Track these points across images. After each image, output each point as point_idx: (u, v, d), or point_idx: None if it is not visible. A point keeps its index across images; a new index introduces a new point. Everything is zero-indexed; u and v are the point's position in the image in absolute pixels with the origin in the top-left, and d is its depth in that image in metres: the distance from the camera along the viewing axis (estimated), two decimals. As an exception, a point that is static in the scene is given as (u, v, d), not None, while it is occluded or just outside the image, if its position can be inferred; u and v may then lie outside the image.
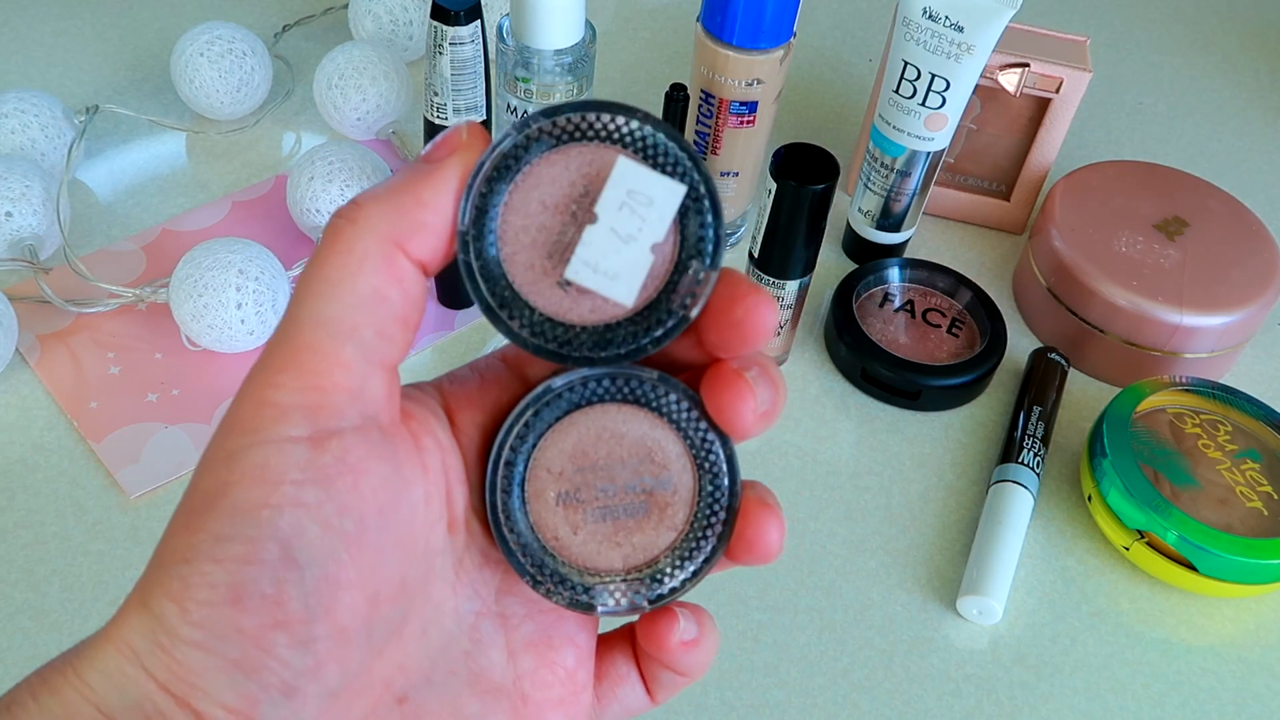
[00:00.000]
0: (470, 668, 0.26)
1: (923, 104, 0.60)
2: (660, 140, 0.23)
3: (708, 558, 0.26)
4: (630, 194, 0.23)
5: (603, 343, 0.24)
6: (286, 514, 0.21)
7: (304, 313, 0.23)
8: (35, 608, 0.48)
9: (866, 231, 0.66)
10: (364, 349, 0.23)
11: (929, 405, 0.59)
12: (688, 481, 0.26)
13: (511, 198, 0.24)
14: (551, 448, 0.26)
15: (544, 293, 0.24)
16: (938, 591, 0.52)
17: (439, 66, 0.53)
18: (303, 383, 0.22)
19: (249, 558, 0.21)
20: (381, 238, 0.23)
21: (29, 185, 0.58)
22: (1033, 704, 0.49)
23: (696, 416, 0.25)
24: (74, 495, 0.52)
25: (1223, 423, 0.56)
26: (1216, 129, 0.81)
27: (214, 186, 0.68)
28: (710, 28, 0.59)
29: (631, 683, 0.28)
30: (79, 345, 0.58)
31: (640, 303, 0.24)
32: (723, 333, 0.24)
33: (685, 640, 0.26)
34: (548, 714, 0.26)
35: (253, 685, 0.21)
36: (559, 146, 0.23)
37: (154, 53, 0.76)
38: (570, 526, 0.26)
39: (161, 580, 0.22)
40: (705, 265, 0.24)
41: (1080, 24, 0.89)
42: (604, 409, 0.26)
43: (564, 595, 0.26)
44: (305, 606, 0.22)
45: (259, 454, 0.22)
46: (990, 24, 0.56)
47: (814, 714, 0.48)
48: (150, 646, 0.21)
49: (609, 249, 0.23)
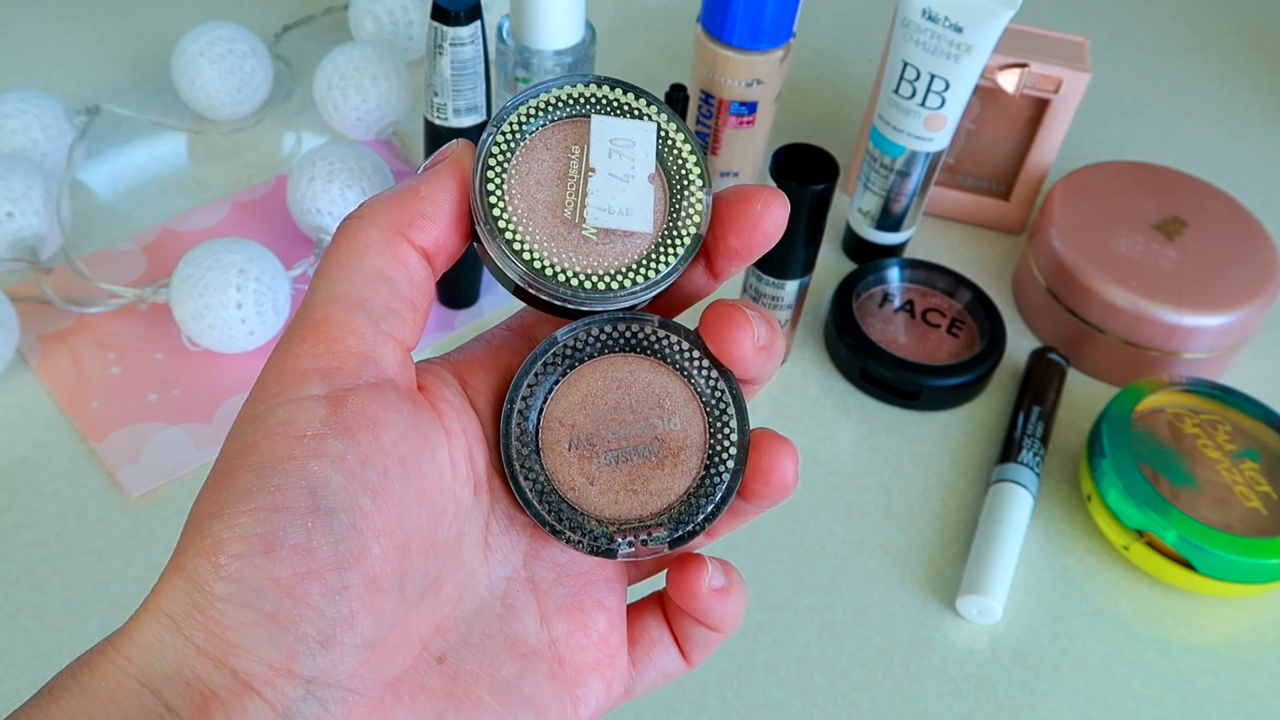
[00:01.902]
0: (505, 632, 0.26)
1: (922, 104, 0.60)
2: (619, 95, 0.26)
3: (724, 497, 0.27)
4: (613, 142, 0.26)
5: (643, 274, 0.26)
6: (311, 464, 0.22)
7: (317, 293, 0.24)
8: (36, 607, 0.48)
9: (866, 232, 0.66)
10: (374, 318, 0.24)
11: (929, 405, 0.59)
12: (698, 423, 0.27)
13: (511, 184, 0.26)
14: (562, 400, 0.27)
15: (572, 252, 0.26)
16: (937, 591, 0.52)
17: (439, 67, 0.53)
18: (318, 349, 0.24)
19: (277, 506, 0.22)
20: (384, 226, 0.25)
21: (30, 186, 0.58)
22: (1032, 703, 0.49)
23: (700, 358, 0.27)
24: (75, 495, 0.52)
25: (1222, 422, 0.56)
26: (1216, 129, 0.81)
27: (214, 187, 0.68)
28: (710, 28, 0.59)
29: (665, 645, 0.29)
30: (80, 345, 0.58)
31: (658, 230, 0.26)
32: (743, 234, 0.26)
33: (715, 587, 0.27)
34: (585, 677, 0.27)
35: (289, 637, 0.22)
36: (536, 129, 0.26)
37: (155, 53, 0.77)
38: (586, 476, 0.27)
39: (194, 540, 0.22)
40: (698, 186, 0.26)
41: (1080, 24, 0.89)
42: (610, 359, 0.27)
43: (584, 542, 0.26)
44: (335, 554, 0.22)
45: (281, 413, 0.23)
46: (989, 24, 0.56)
47: (814, 714, 0.48)
48: (186, 610, 0.22)
49: (615, 190, 0.26)
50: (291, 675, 0.22)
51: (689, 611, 0.27)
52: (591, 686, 0.27)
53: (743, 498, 0.27)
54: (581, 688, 0.27)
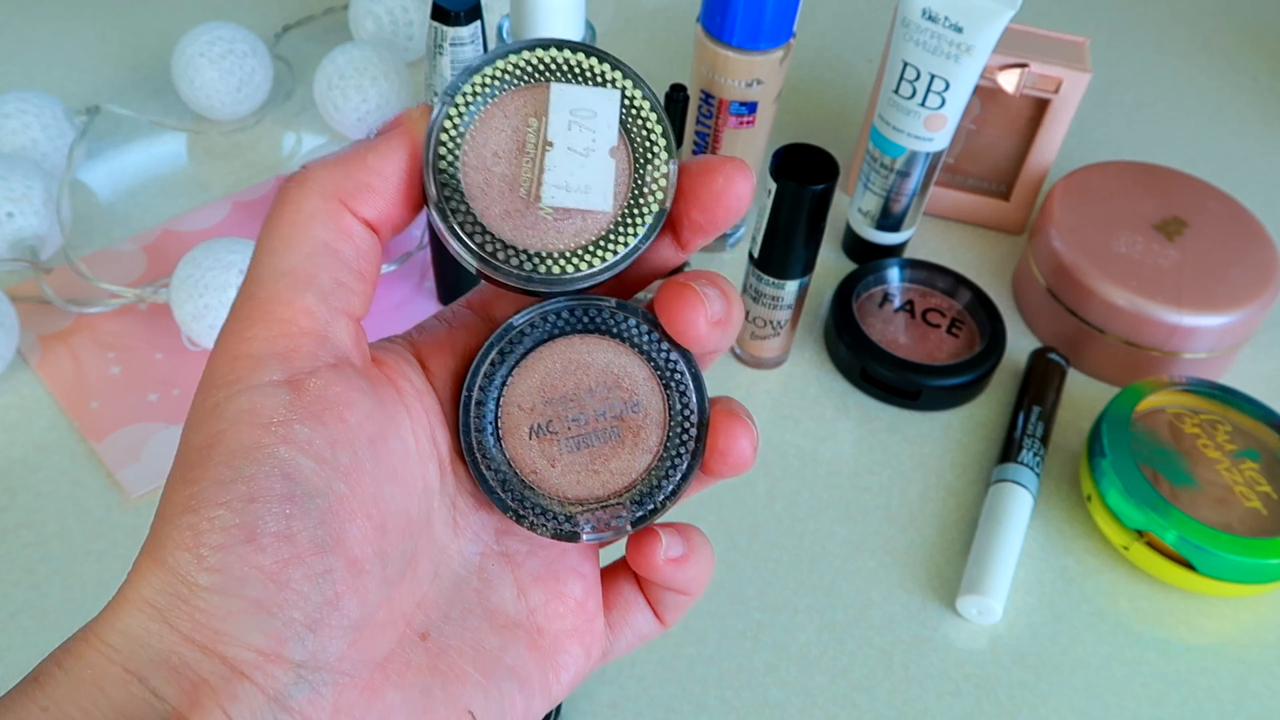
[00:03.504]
0: (484, 606, 0.26)
1: (922, 104, 0.60)
2: (580, 59, 0.25)
3: (684, 475, 0.27)
4: (574, 112, 0.25)
5: (600, 256, 0.25)
6: (281, 450, 0.22)
7: (261, 269, 0.24)
8: (36, 607, 0.48)
9: (866, 232, 0.66)
10: (323, 295, 0.24)
11: (929, 405, 0.59)
12: (657, 403, 0.27)
13: (466, 159, 0.25)
14: (520, 384, 0.26)
15: (527, 231, 0.25)
16: (937, 591, 0.52)
17: (439, 67, 0.53)
18: (271, 331, 0.23)
19: (254, 495, 0.22)
20: (326, 195, 0.24)
21: (30, 186, 0.58)
22: (1032, 703, 0.49)
23: (658, 338, 0.26)
24: (75, 495, 0.52)
25: (1222, 422, 0.56)
26: (1216, 129, 0.81)
27: (215, 187, 0.68)
28: (710, 28, 0.59)
29: (639, 607, 0.29)
30: (80, 345, 0.58)
31: (618, 209, 0.25)
32: (706, 208, 0.25)
33: (671, 557, 0.27)
34: (564, 643, 0.27)
35: (277, 623, 0.22)
36: (492, 99, 0.25)
37: (155, 53, 0.77)
38: (547, 459, 0.26)
39: (170, 534, 0.22)
40: (664, 158, 0.25)
41: (1080, 24, 0.89)
42: (567, 341, 0.26)
43: (548, 527, 0.26)
44: (316, 539, 0.22)
45: (244, 400, 0.22)
46: (990, 25, 0.56)
47: (814, 714, 0.48)
48: (170, 600, 0.21)
49: (573, 166, 0.25)
50: (281, 660, 0.22)
51: (653, 580, 0.28)
52: (571, 653, 0.27)
53: (703, 471, 0.27)
54: (561, 654, 0.27)
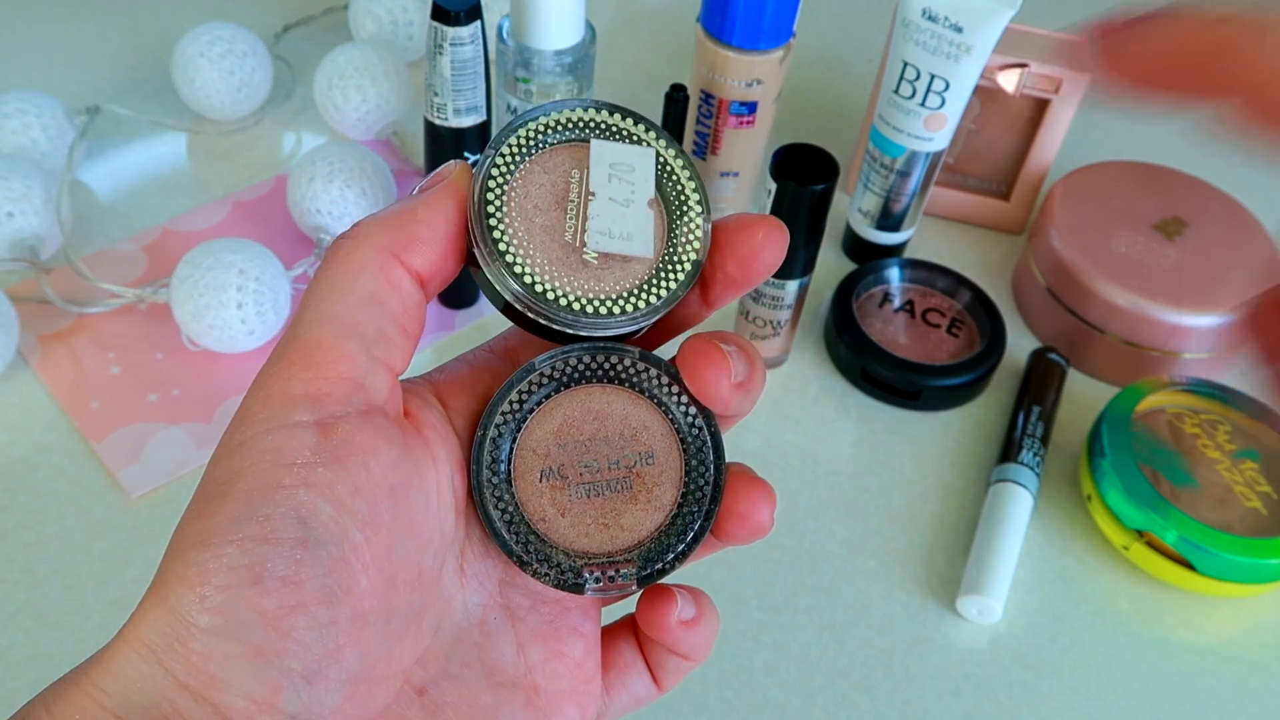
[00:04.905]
0: (483, 661, 0.26)
1: (922, 104, 0.60)
2: (618, 120, 0.26)
3: (696, 536, 0.26)
4: (613, 166, 0.26)
5: (644, 300, 0.25)
6: (300, 494, 0.22)
7: (307, 314, 0.24)
8: (36, 607, 0.48)
9: (866, 232, 0.66)
10: (366, 344, 0.23)
11: (929, 405, 0.59)
12: (674, 460, 0.26)
13: (510, 208, 0.25)
14: (537, 429, 0.26)
15: (572, 276, 0.25)
16: (937, 591, 0.52)
17: (439, 67, 0.53)
18: (309, 373, 0.23)
19: (266, 537, 0.21)
20: (379, 249, 0.24)
21: (30, 186, 0.58)
22: (1032, 703, 0.49)
23: (679, 393, 0.26)
24: (75, 495, 0.52)
25: (1222, 422, 0.56)
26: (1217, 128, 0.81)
27: (215, 187, 0.68)
28: (710, 28, 0.59)
29: (638, 671, 0.28)
30: (80, 345, 0.58)
31: (657, 256, 0.26)
32: (744, 262, 0.26)
33: (684, 620, 0.27)
34: (561, 704, 0.27)
35: (274, 671, 0.21)
36: (531, 155, 0.25)
37: (155, 53, 0.77)
38: (557, 508, 0.26)
39: (177, 569, 0.21)
40: (697, 212, 0.26)
41: (1080, 24, 0.89)
42: (588, 390, 0.26)
43: (551, 576, 0.26)
44: (323, 588, 0.22)
45: (270, 440, 0.22)
46: (990, 25, 0.56)
47: (814, 714, 0.48)
48: (167, 642, 0.21)
49: (615, 215, 0.25)
50: (275, 711, 0.21)
51: (659, 642, 0.27)
52: (566, 714, 0.27)
53: (715, 536, 0.26)
54: (556, 715, 0.27)
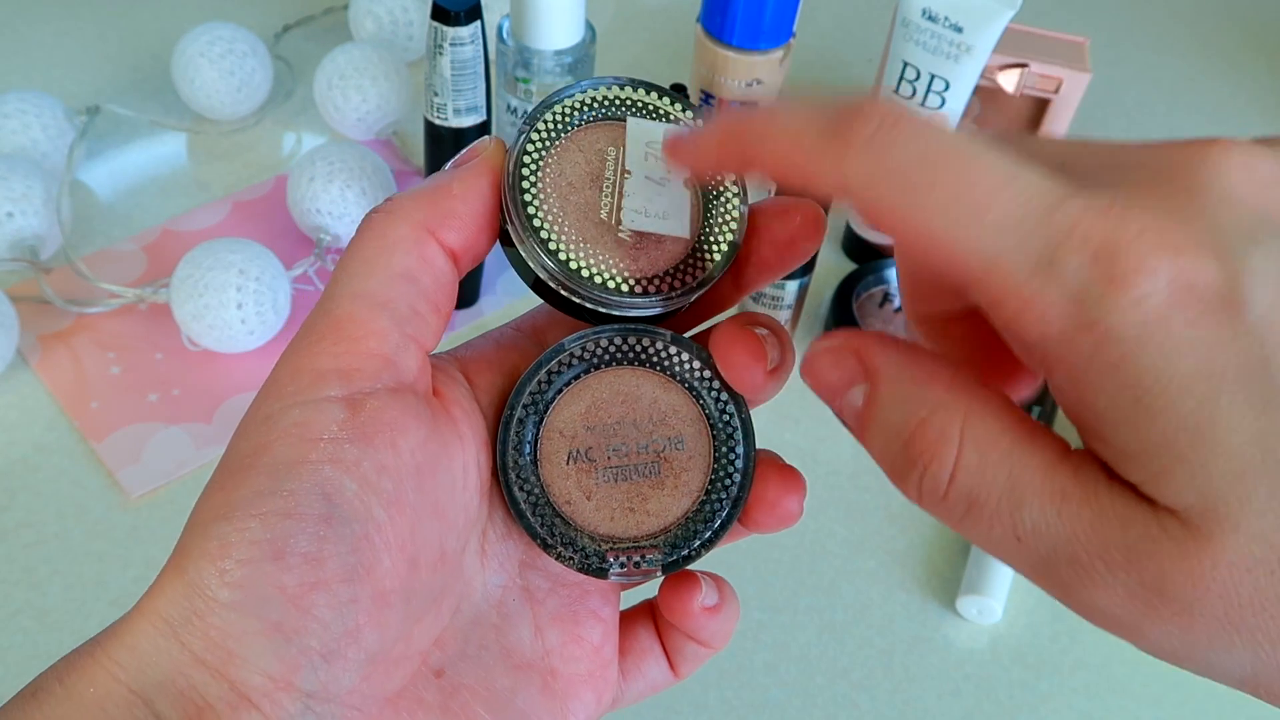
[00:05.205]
0: (501, 643, 0.26)
1: (922, 104, 0.60)
2: (654, 98, 0.26)
3: (724, 523, 0.26)
4: (649, 145, 0.25)
5: (681, 280, 0.25)
6: (326, 469, 0.21)
7: (340, 289, 0.23)
8: (36, 607, 0.48)
9: (866, 231, 0.66)
10: (398, 320, 0.23)
11: (929, 405, 0.59)
12: (703, 446, 0.26)
13: (545, 185, 0.25)
14: (565, 410, 0.26)
15: (607, 255, 0.25)
16: (937, 591, 0.52)
17: (439, 67, 0.53)
18: (339, 348, 0.23)
19: (290, 511, 0.21)
20: (414, 224, 0.24)
21: (30, 186, 0.58)
22: (1032, 704, 0.49)
23: (710, 378, 0.26)
24: (75, 495, 0.52)
25: (1222, 423, 0.56)
26: (1215, 129, 0.81)
27: (215, 187, 0.68)
28: (710, 28, 0.59)
29: (655, 657, 0.28)
30: (80, 345, 0.58)
31: (693, 237, 0.25)
32: (780, 247, 0.25)
33: (707, 606, 0.26)
34: (577, 688, 0.27)
35: (293, 649, 0.21)
36: (566, 133, 0.25)
37: (155, 53, 0.77)
38: (583, 491, 0.26)
39: (199, 542, 0.21)
40: (733, 193, 0.26)
41: (1080, 24, 0.89)
42: (617, 372, 0.26)
43: (575, 559, 0.25)
44: (345, 566, 0.21)
45: (297, 414, 0.22)
46: (989, 24, 0.56)
47: (814, 714, 0.48)
48: (185, 615, 0.21)
49: (651, 194, 0.25)
50: (292, 688, 0.21)
51: (680, 629, 0.27)
52: (582, 698, 0.27)
53: (743, 523, 0.26)
54: (573, 700, 0.26)
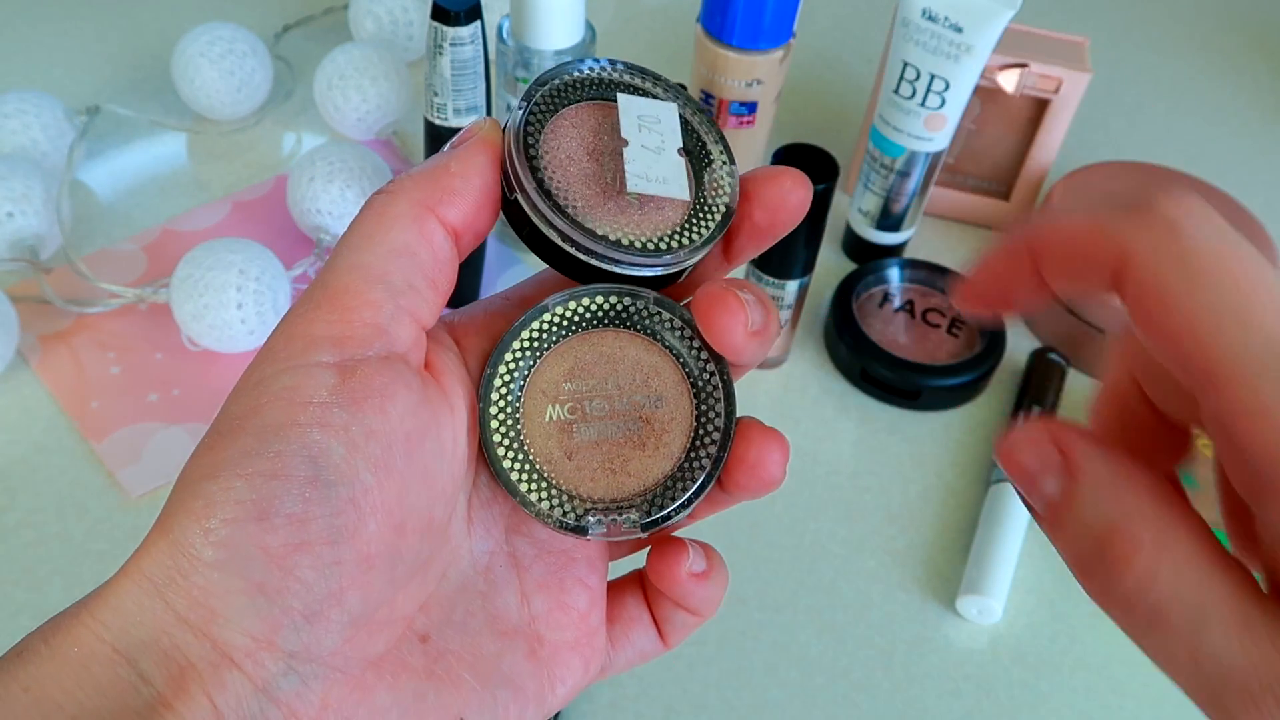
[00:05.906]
0: (487, 609, 0.26)
1: (922, 104, 0.60)
2: (639, 80, 0.27)
3: (702, 484, 0.26)
4: (641, 117, 0.26)
5: (685, 238, 0.26)
6: (314, 433, 0.22)
7: (338, 262, 0.24)
8: (36, 607, 0.48)
9: (866, 232, 0.66)
10: (393, 293, 0.24)
11: (929, 405, 0.59)
12: (684, 407, 0.26)
13: (545, 157, 0.25)
14: (547, 370, 0.26)
15: (614, 218, 0.25)
16: (937, 591, 0.52)
17: (439, 67, 0.53)
18: (333, 316, 0.23)
19: (276, 472, 0.21)
20: (413, 201, 0.24)
21: (30, 186, 0.58)
22: (1032, 703, 0.49)
23: (692, 338, 0.26)
24: (75, 495, 0.52)
25: (1222, 423, 0.56)
26: (1216, 129, 0.81)
27: (214, 187, 0.68)
28: (710, 28, 0.59)
29: (644, 625, 0.28)
30: (80, 345, 0.58)
31: (691, 201, 0.26)
32: (770, 210, 0.26)
33: (694, 572, 0.26)
34: (564, 655, 0.27)
35: (275, 609, 0.21)
36: (560, 110, 0.26)
37: (155, 53, 0.77)
38: (564, 450, 0.26)
39: (185, 500, 0.22)
40: (723, 161, 0.27)
41: (1080, 24, 0.89)
42: (600, 333, 0.26)
43: (553, 517, 0.25)
44: (330, 528, 0.22)
45: (288, 378, 0.22)
46: (989, 25, 0.56)
47: (814, 714, 0.48)
48: (169, 575, 0.21)
49: (649, 160, 0.26)
50: (273, 648, 0.21)
51: (668, 595, 0.27)
52: (569, 665, 0.27)
53: (725, 488, 0.26)
54: (559, 666, 0.26)
